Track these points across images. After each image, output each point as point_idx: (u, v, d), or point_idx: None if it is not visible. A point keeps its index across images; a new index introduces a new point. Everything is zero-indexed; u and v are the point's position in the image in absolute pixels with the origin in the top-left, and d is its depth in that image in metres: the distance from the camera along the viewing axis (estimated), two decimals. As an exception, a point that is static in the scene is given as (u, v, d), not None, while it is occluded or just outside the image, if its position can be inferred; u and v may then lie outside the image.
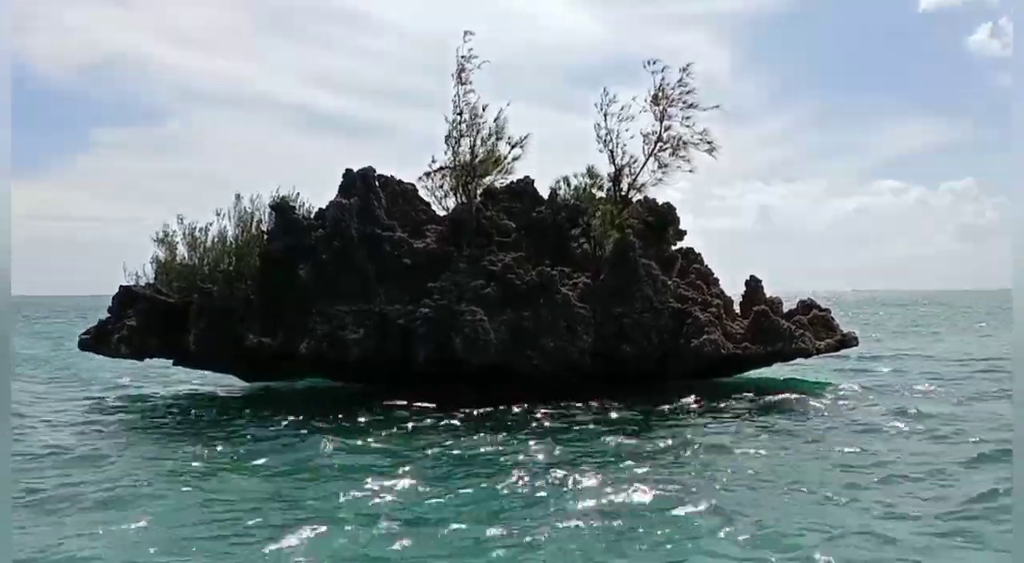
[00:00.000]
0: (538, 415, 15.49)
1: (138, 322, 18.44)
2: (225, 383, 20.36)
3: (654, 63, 20.36)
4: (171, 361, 19.84)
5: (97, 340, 19.20)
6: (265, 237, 18.71)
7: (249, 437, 13.67)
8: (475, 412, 15.69)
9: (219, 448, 12.71)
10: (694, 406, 16.47)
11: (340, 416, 15.32)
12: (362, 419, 15.14)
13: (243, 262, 18.42)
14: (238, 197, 18.88)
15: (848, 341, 20.89)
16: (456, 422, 14.80)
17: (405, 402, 16.31)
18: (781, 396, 17.32)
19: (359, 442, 13.06)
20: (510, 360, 17.32)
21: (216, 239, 18.71)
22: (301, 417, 15.18)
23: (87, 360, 23.65)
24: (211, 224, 18.78)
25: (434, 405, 16.11)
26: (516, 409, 15.97)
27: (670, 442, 13.01)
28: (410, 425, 14.53)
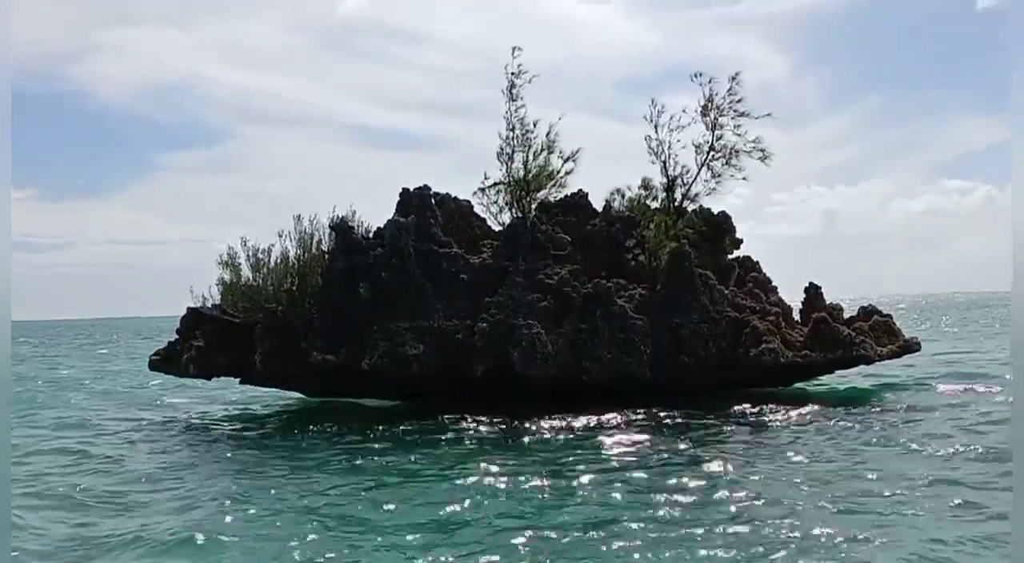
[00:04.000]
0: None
1: (206, 342, 19.02)
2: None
3: (700, 75, 20.58)
4: (237, 379, 20.40)
5: (166, 360, 19.85)
6: (326, 256, 19.11)
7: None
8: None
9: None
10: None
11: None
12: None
13: (305, 281, 18.81)
14: (298, 218, 19.32)
15: (911, 347, 20.62)
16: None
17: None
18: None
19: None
20: (568, 373, 17.47)
21: (279, 260, 19.13)
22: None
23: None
24: (273, 245, 19.22)
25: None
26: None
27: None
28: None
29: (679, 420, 16.08)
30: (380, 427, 16.10)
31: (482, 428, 15.84)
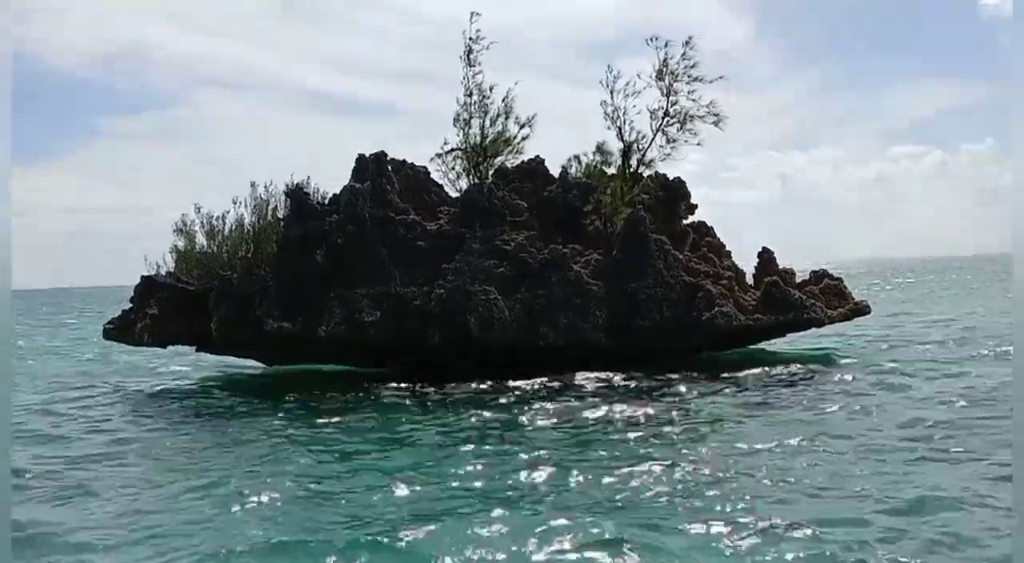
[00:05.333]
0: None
1: (160, 311, 18.87)
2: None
3: (656, 39, 20.64)
4: (193, 347, 20.30)
5: (121, 330, 19.67)
6: (281, 223, 18.98)
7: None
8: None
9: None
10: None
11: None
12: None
13: (261, 249, 18.71)
14: (253, 185, 19.15)
15: (861, 309, 21.04)
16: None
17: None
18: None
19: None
20: (524, 338, 17.61)
21: (233, 227, 18.98)
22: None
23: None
24: (228, 212, 19.05)
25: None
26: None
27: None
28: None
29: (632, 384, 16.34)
30: (334, 393, 16.17)
31: (433, 393, 15.97)
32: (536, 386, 16.34)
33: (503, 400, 15.12)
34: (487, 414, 13.86)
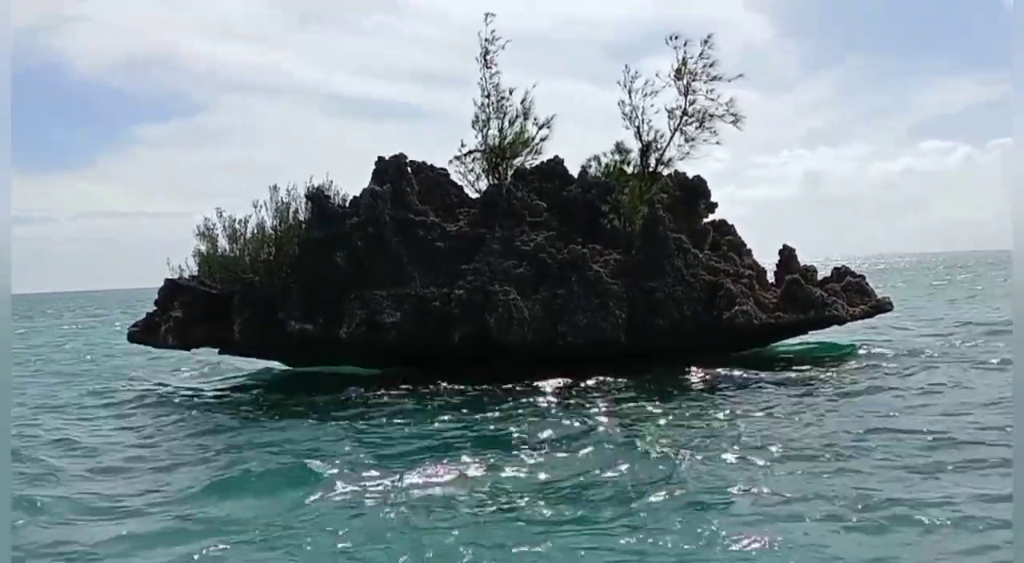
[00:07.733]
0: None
1: (184, 314, 19.09)
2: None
3: (676, 38, 20.63)
4: (216, 350, 20.51)
5: (145, 332, 19.93)
6: (302, 226, 19.11)
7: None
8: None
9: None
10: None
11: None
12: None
13: (282, 251, 18.85)
14: (274, 188, 19.29)
15: (883, 306, 20.91)
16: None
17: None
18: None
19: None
20: (544, 338, 17.65)
21: (255, 230, 19.14)
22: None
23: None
24: (250, 216, 19.20)
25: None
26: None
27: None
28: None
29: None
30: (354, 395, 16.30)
31: (456, 395, 16.05)
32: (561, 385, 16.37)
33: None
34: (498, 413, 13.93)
